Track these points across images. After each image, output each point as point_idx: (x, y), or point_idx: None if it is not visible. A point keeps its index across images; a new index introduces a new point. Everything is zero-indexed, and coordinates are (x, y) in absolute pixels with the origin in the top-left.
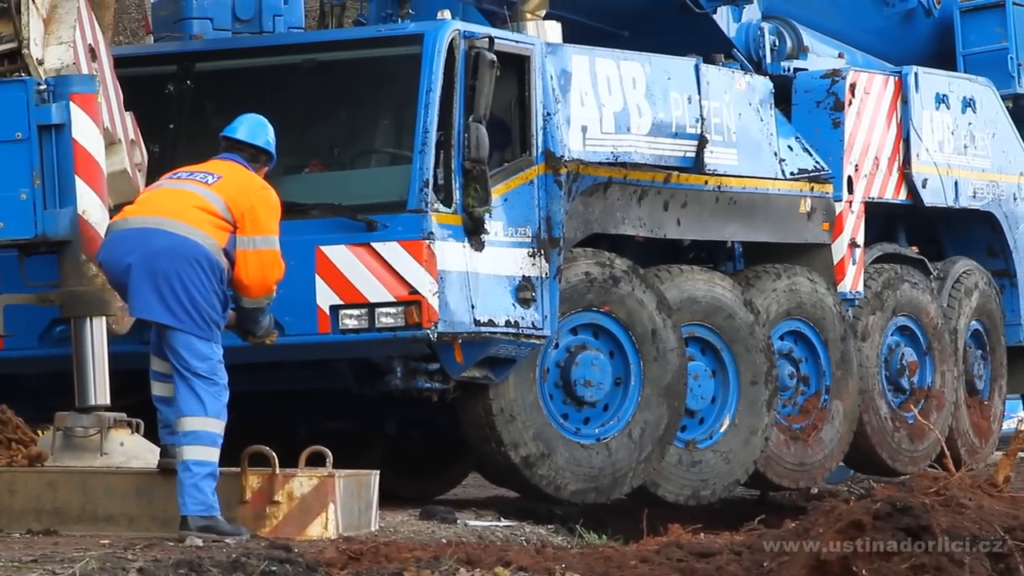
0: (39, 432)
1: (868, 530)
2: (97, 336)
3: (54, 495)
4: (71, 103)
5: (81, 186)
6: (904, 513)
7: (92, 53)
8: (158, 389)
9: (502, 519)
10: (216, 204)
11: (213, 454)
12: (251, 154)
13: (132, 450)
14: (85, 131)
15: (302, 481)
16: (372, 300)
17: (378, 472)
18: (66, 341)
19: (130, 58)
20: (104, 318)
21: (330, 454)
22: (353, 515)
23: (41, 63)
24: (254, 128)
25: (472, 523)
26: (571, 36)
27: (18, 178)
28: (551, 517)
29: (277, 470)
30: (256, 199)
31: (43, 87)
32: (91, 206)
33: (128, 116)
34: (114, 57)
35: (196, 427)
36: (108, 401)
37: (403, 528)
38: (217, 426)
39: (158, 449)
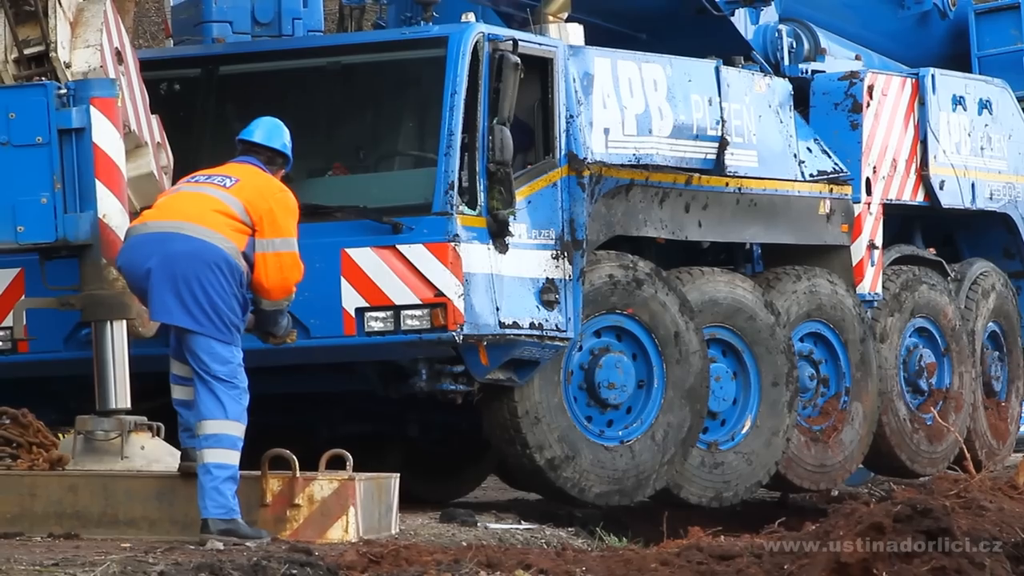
0: (60, 436)
1: (888, 532)
2: (118, 340)
3: (75, 499)
4: (91, 107)
5: (101, 190)
6: (924, 515)
7: (119, 56)
8: (178, 393)
9: (522, 522)
10: (234, 207)
11: (234, 457)
12: (268, 157)
13: (153, 454)
14: (105, 135)
15: (322, 484)
16: (397, 302)
17: (398, 475)
18: (91, 344)
19: (152, 61)
20: (125, 322)
21: (350, 457)
22: (373, 518)
23: (68, 66)
24: (270, 131)
25: (492, 526)
26: (589, 39)
27: (39, 182)
28: (571, 520)
29: (297, 473)
30: (274, 202)
31: (63, 91)
32: (111, 210)
33: (154, 119)
34: (141, 60)
35: (217, 430)
36: (129, 405)
37: (423, 531)
38: (238, 429)
39: (179, 453)
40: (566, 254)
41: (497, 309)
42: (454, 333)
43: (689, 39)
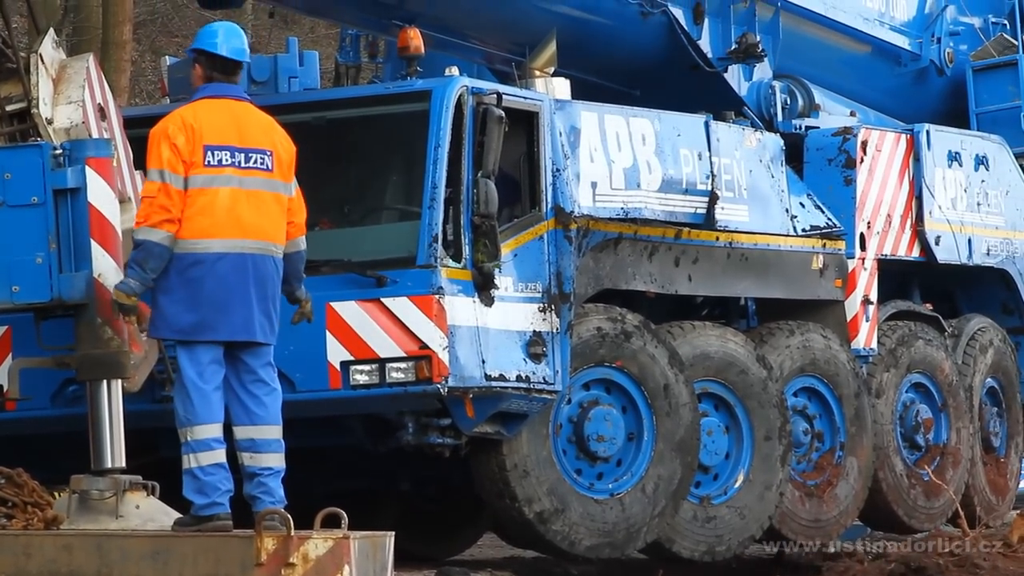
0: (55, 495)
1: None
2: (113, 399)
3: (70, 558)
4: (86, 167)
5: (96, 250)
6: (918, 574)
7: (102, 112)
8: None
9: None
10: (288, 192)
11: None
12: (233, 73)
13: (148, 513)
14: (100, 195)
15: (317, 543)
16: (382, 355)
17: (393, 533)
18: (79, 401)
19: (148, 118)
20: (120, 381)
21: (345, 515)
22: None
23: (50, 122)
24: (234, 37)
25: None
26: (583, 95)
27: (34, 242)
28: None
29: (292, 532)
30: (293, 149)
31: (59, 151)
32: (106, 269)
33: (138, 175)
34: (132, 117)
35: (279, 435)
36: (124, 464)
37: None
38: None
39: (173, 511)
40: (553, 307)
41: (483, 362)
42: (439, 385)
43: (682, 95)
